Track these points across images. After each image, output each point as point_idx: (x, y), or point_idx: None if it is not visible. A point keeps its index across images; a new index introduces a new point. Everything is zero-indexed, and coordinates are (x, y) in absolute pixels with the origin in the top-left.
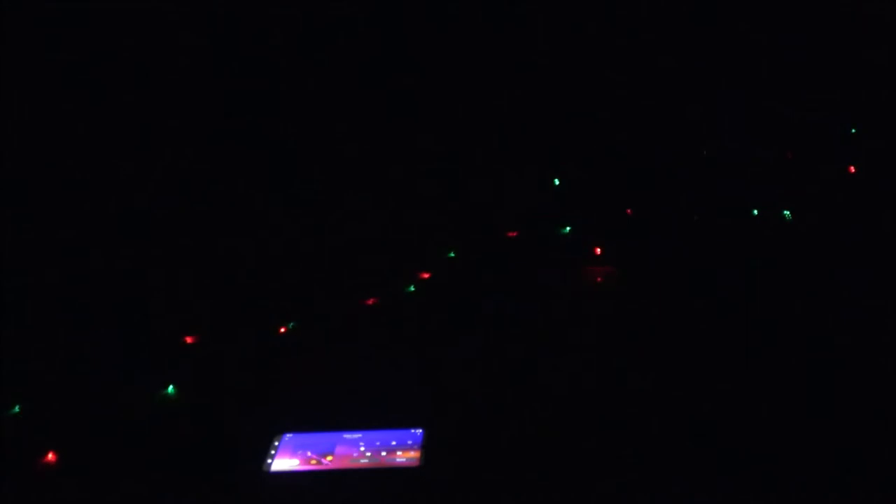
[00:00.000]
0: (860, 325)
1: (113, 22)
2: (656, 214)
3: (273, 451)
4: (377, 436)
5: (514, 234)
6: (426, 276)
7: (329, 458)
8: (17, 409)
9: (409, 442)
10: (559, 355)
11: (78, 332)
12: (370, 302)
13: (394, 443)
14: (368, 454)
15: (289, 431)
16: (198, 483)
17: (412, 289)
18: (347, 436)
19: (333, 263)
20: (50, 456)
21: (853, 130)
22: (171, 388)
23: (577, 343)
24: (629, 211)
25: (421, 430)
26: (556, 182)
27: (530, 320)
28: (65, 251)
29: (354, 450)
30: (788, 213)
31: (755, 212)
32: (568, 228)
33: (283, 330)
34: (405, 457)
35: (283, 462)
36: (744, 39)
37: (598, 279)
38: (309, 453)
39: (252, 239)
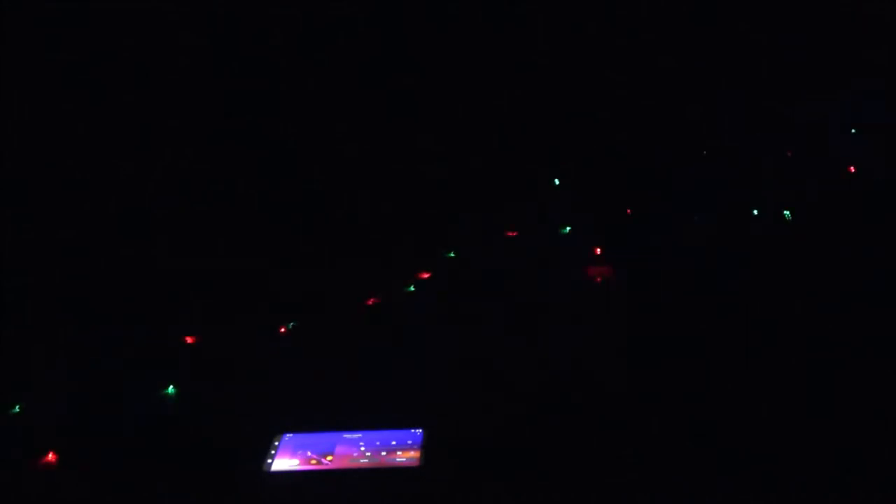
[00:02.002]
0: (860, 325)
1: (113, 22)
2: (656, 214)
3: (273, 451)
4: (377, 436)
5: (514, 233)
6: (426, 275)
7: (329, 458)
8: (17, 408)
9: (409, 442)
10: (559, 355)
11: (78, 332)
12: (370, 302)
13: (394, 443)
14: (368, 454)
15: (289, 431)
16: (198, 483)
17: (412, 289)
18: (347, 436)
19: (333, 263)
20: (50, 456)
21: (853, 130)
22: (171, 388)
23: (577, 343)
24: (629, 210)
25: (421, 430)
26: (556, 182)
27: (530, 320)
28: (65, 251)
29: (354, 450)
30: (788, 213)
31: (755, 212)
32: (568, 228)
33: (283, 330)
34: (405, 457)
35: (283, 462)
36: (744, 39)
37: (598, 279)
38: (309, 453)
39: (252, 239)
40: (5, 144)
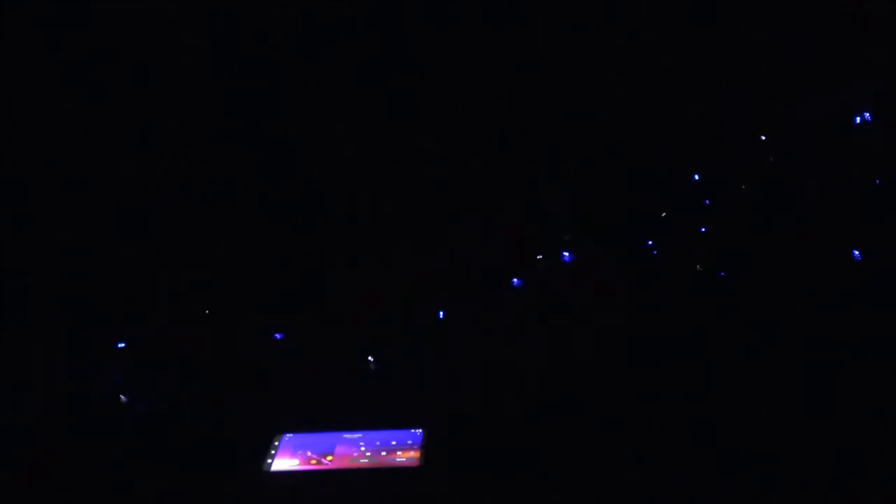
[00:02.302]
0: (860, 325)
1: (113, 22)
2: (656, 214)
3: (273, 451)
4: (377, 436)
5: (513, 234)
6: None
7: (329, 458)
8: None
9: (409, 442)
10: (559, 354)
11: (77, 332)
12: (371, 302)
13: (394, 443)
14: (368, 454)
15: (289, 431)
16: (198, 482)
17: (414, 289)
18: (347, 436)
19: (333, 264)
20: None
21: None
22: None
23: (576, 342)
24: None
25: (421, 430)
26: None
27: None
28: (65, 251)
29: (354, 449)
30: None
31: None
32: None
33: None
34: (405, 457)
35: (283, 462)
36: (744, 39)
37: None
38: (309, 453)
39: (252, 239)
40: (5, 144)
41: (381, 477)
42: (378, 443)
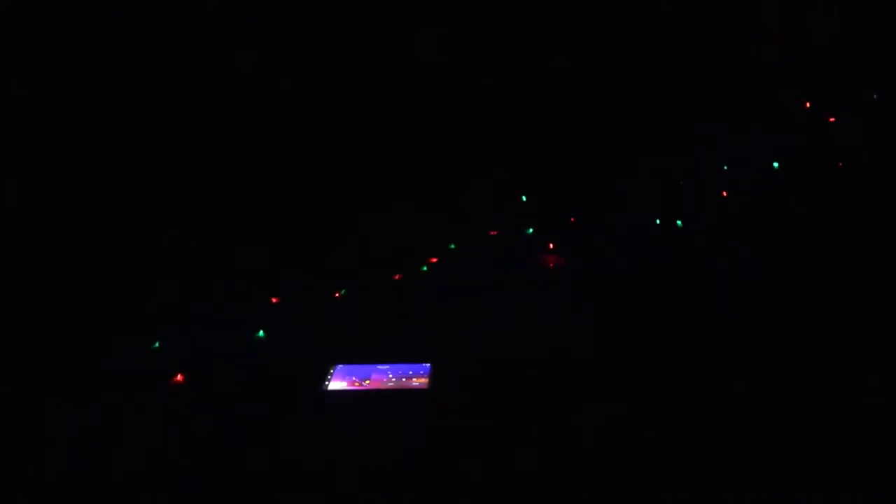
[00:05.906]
0: (861, 326)
1: (113, 22)
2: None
3: (330, 377)
4: (399, 367)
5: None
6: (434, 260)
7: (367, 381)
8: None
9: (421, 372)
10: (556, 353)
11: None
12: (396, 277)
13: (410, 372)
14: (394, 380)
15: (340, 363)
16: (283, 395)
17: (424, 269)
18: (380, 367)
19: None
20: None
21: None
22: (261, 332)
23: (575, 341)
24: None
25: (429, 365)
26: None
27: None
28: (64, 251)
29: (384, 376)
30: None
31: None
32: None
33: (336, 295)
34: (418, 382)
35: (336, 384)
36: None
37: (550, 265)
38: (353, 378)
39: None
40: (5, 144)
41: (401, 395)
42: (400, 372)
